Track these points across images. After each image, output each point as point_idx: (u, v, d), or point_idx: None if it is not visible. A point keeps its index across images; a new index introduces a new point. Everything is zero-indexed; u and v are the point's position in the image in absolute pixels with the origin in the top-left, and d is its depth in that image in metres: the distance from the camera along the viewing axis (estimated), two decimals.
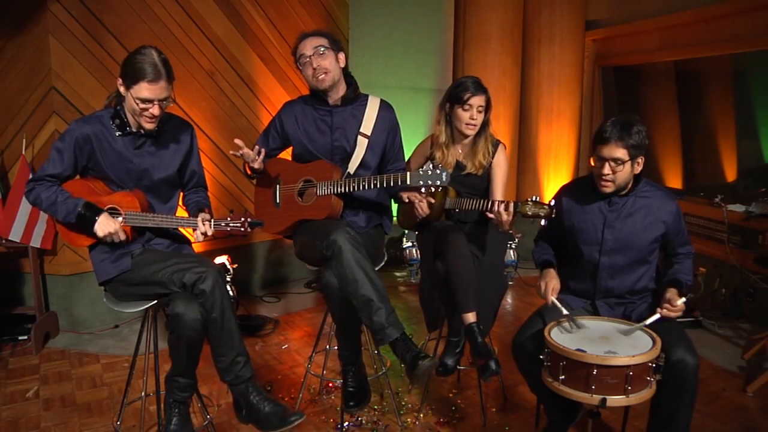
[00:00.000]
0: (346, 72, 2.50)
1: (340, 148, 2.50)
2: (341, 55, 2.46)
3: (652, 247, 2.27)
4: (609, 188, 2.20)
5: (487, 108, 2.61)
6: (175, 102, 2.18)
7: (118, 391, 2.96)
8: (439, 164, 2.22)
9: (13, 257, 3.63)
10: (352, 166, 2.50)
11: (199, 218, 2.17)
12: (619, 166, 2.13)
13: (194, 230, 2.19)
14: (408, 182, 2.23)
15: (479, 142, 2.64)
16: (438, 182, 2.18)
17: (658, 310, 2.13)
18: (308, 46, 2.41)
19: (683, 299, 2.13)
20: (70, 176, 2.19)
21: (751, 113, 4.44)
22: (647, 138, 2.15)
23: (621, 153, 2.11)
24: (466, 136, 2.62)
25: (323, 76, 2.40)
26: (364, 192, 2.48)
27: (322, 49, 2.40)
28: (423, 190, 2.23)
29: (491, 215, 2.33)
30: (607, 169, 2.14)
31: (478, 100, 2.56)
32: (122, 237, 2.15)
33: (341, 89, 2.49)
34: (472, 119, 2.57)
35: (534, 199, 2.24)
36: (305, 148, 2.52)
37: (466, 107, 2.56)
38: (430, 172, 2.19)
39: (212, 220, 2.17)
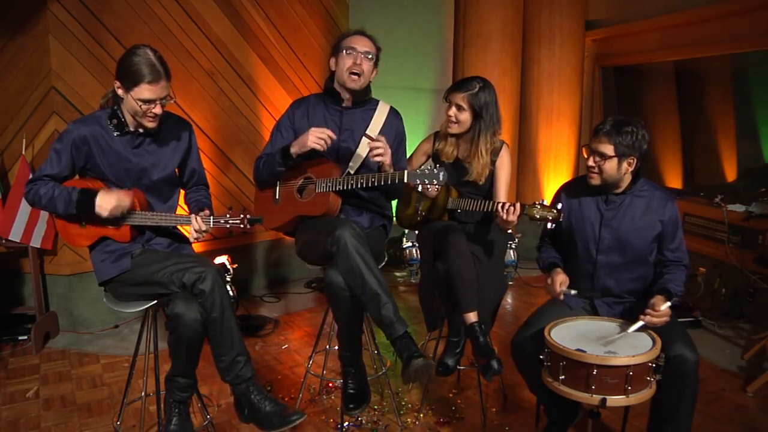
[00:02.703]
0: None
1: (346, 149, 2.51)
2: (375, 71, 2.52)
3: (651, 246, 2.27)
4: (595, 180, 2.23)
5: (474, 109, 2.56)
6: (174, 100, 2.18)
7: (118, 391, 2.96)
8: (438, 164, 2.23)
9: (13, 257, 3.63)
10: (354, 167, 2.50)
11: (193, 216, 2.17)
12: (603, 160, 2.16)
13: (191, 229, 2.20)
14: (405, 180, 2.25)
15: (478, 144, 2.60)
16: (435, 181, 2.20)
17: (641, 317, 2.10)
18: (361, 44, 2.44)
19: (668, 304, 2.10)
20: (68, 177, 2.19)
21: (751, 113, 4.45)
22: (645, 142, 2.15)
23: (607, 149, 2.15)
24: (452, 133, 2.64)
25: (357, 77, 2.43)
26: (370, 192, 2.48)
27: (371, 55, 2.45)
28: (420, 189, 2.26)
29: (500, 214, 2.33)
30: (591, 162, 2.21)
31: (454, 97, 2.58)
32: (126, 204, 2.12)
33: (357, 93, 2.51)
34: (449, 116, 2.59)
35: (542, 202, 2.25)
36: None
37: (448, 103, 2.60)
38: (427, 171, 2.21)
39: (212, 217, 2.18)
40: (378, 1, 5.02)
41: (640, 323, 2.09)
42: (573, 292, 2.25)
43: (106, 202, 2.09)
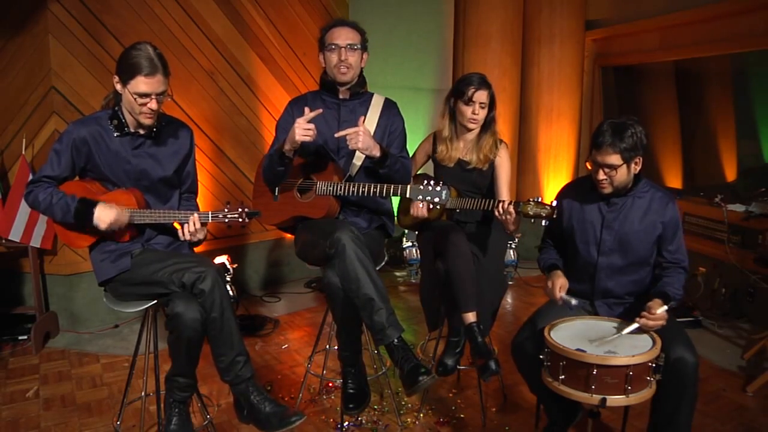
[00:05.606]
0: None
1: (347, 143, 2.49)
2: (365, 55, 2.49)
3: (652, 248, 2.26)
4: (607, 190, 2.21)
5: (492, 105, 2.63)
6: (172, 98, 2.18)
7: (118, 391, 2.96)
8: (441, 182, 2.21)
9: (13, 257, 3.63)
10: (358, 159, 2.49)
11: (192, 216, 2.16)
12: (613, 171, 2.14)
13: (183, 226, 2.18)
14: (407, 195, 2.23)
15: (483, 138, 2.65)
16: (437, 199, 2.18)
17: (637, 319, 2.09)
18: (342, 37, 2.41)
19: (664, 308, 2.08)
20: (68, 178, 2.19)
21: (751, 113, 4.44)
22: (645, 137, 2.15)
23: (614, 159, 2.11)
24: (469, 131, 2.64)
25: (346, 70, 2.41)
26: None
27: (356, 45, 2.42)
28: (421, 205, 2.21)
29: (498, 215, 2.33)
30: (601, 175, 2.17)
31: (480, 96, 2.58)
32: (125, 220, 2.12)
33: (351, 84, 2.50)
34: (474, 114, 2.60)
35: (536, 199, 2.25)
36: (313, 140, 2.48)
37: (469, 102, 2.58)
38: (430, 189, 2.19)
39: (210, 212, 2.17)
40: (378, 1, 5.01)
41: (635, 325, 2.08)
42: (574, 302, 2.22)
43: (105, 215, 2.09)
